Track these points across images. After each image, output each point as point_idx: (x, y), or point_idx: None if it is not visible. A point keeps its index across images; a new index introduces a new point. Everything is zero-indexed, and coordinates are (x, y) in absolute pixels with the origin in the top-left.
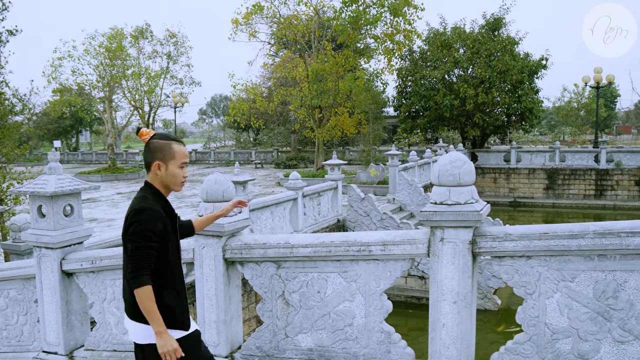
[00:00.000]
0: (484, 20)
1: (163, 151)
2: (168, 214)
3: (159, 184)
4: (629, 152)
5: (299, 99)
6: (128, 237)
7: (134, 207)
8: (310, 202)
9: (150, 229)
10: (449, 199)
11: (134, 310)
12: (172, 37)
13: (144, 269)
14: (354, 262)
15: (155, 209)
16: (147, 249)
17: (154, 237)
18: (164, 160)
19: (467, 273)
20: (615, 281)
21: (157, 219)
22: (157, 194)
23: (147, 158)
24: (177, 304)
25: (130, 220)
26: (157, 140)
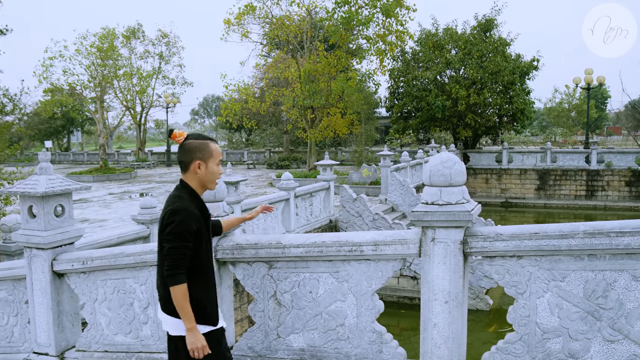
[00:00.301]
0: (475, 22)
1: (202, 150)
2: (202, 213)
3: (197, 183)
4: (619, 153)
5: (291, 99)
6: (164, 237)
7: (169, 208)
8: (302, 203)
9: (186, 229)
10: (440, 199)
11: (167, 305)
12: (164, 37)
13: (180, 268)
14: (345, 262)
15: (190, 210)
16: (182, 248)
17: (189, 237)
18: (203, 159)
19: (458, 273)
20: (605, 281)
21: (192, 219)
22: (192, 193)
23: (184, 158)
24: (209, 300)
25: (167, 221)
26: (193, 141)
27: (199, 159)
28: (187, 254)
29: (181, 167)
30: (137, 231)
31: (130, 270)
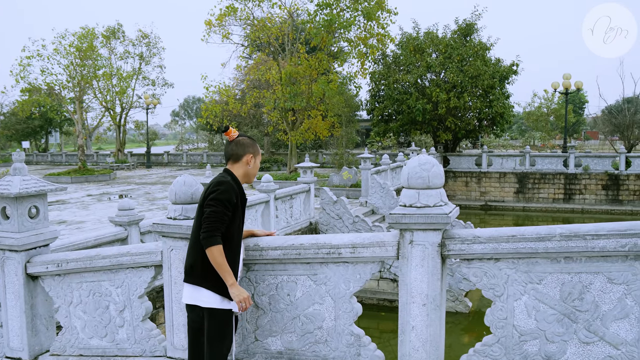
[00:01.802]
0: (456, 26)
1: (254, 147)
2: (241, 195)
3: (243, 173)
4: (596, 157)
5: (272, 101)
6: (207, 202)
7: (214, 181)
8: (282, 205)
9: (227, 198)
10: (418, 202)
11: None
12: (144, 37)
13: (217, 230)
14: (323, 265)
15: (232, 184)
16: (222, 214)
17: (229, 206)
18: (254, 155)
19: (436, 275)
20: (581, 283)
21: (233, 192)
22: (235, 178)
23: (238, 151)
24: (235, 276)
25: (212, 189)
26: (245, 138)
27: (251, 153)
28: (225, 220)
29: (232, 158)
30: (114, 233)
31: (107, 272)
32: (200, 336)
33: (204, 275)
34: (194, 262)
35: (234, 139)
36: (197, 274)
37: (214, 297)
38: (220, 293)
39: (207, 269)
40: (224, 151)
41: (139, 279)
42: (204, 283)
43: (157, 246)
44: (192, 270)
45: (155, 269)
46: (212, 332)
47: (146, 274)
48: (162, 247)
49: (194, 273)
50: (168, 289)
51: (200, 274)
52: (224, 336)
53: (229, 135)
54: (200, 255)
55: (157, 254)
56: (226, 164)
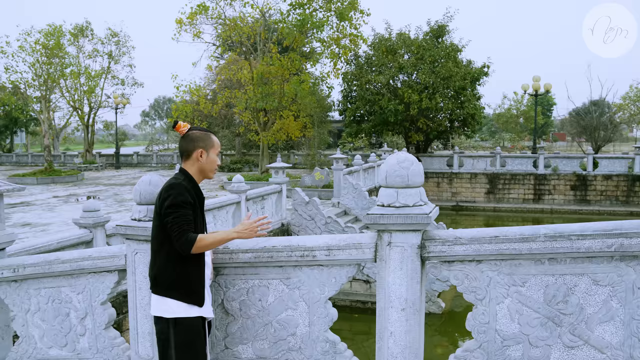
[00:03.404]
0: (428, 27)
1: (204, 140)
2: (198, 195)
3: (197, 170)
4: (565, 158)
5: (244, 101)
6: (165, 211)
7: (166, 184)
8: (253, 206)
9: (183, 200)
10: (397, 201)
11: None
12: (113, 36)
13: (187, 231)
14: (297, 268)
15: (185, 185)
16: (184, 215)
17: (189, 207)
18: (205, 149)
19: (415, 279)
20: (566, 285)
21: (188, 193)
22: (189, 178)
23: (187, 147)
24: (200, 282)
25: (164, 195)
26: (196, 131)
27: (201, 147)
28: (190, 219)
29: (183, 156)
30: (79, 236)
31: (67, 278)
32: (169, 349)
33: (169, 284)
34: (157, 272)
35: (184, 133)
36: (162, 283)
37: (179, 305)
38: (187, 300)
39: (170, 277)
40: (178, 148)
41: (101, 285)
42: (169, 292)
43: (121, 249)
44: (156, 280)
45: (119, 273)
46: (180, 344)
47: (109, 279)
48: (126, 251)
49: (159, 283)
50: (132, 294)
51: (164, 284)
52: (194, 347)
53: (179, 131)
54: (163, 263)
55: (120, 257)
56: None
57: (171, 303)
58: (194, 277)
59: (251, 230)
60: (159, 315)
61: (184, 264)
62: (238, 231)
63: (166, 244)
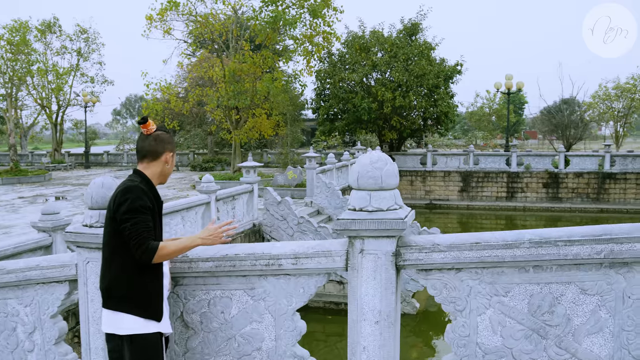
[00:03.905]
0: (401, 25)
1: (172, 143)
2: (156, 199)
3: (158, 173)
4: (537, 156)
5: (216, 99)
6: (123, 217)
7: (119, 189)
8: (224, 206)
9: (142, 204)
10: (370, 205)
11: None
12: (82, 32)
13: (147, 239)
14: (262, 278)
15: (142, 188)
16: (145, 221)
17: (148, 212)
18: (173, 151)
19: (390, 289)
20: (552, 294)
21: (146, 196)
22: (146, 180)
23: (156, 148)
24: (158, 293)
25: (120, 199)
26: (164, 133)
27: (170, 150)
28: (150, 226)
29: (148, 156)
30: (36, 240)
31: (13, 289)
32: None
33: (123, 297)
34: (110, 284)
35: (152, 132)
36: (115, 296)
37: (135, 321)
38: (144, 315)
39: (125, 289)
40: (137, 147)
41: (51, 296)
42: (123, 306)
43: (72, 258)
44: (108, 293)
45: (70, 284)
46: None
47: (59, 290)
48: (77, 260)
49: (111, 296)
50: (84, 307)
51: (117, 297)
52: None
53: (147, 129)
54: (116, 274)
55: (71, 267)
56: (138, 162)
57: (126, 318)
58: (151, 289)
59: (216, 236)
60: (112, 332)
61: (141, 274)
62: (202, 237)
63: (120, 252)
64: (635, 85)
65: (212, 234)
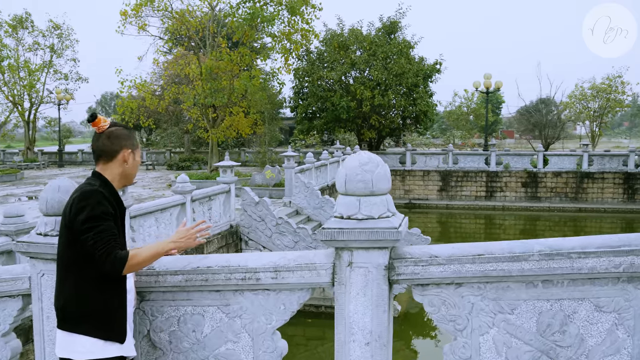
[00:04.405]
0: (380, 24)
1: (131, 139)
2: (118, 204)
3: (119, 175)
4: (516, 155)
5: (192, 97)
6: (83, 227)
7: (77, 194)
8: (200, 207)
9: (103, 211)
10: (359, 212)
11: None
12: (56, 28)
13: (113, 249)
14: (237, 293)
15: (102, 192)
16: (109, 229)
17: (111, 219)
18: (132, 149)
19: (382, 306)
20: (563, 312)
21: (107, 202)
22: (106, 183)
23: (112, 146)
24: (120, 309)
25: (78, 206)
26: (120, 129)
27: (128, 147)
28: (115, 232)
29: (104, 156)
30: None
31: None
32: None
33: (80, 316)
34: (65, 302)
35: (105, 130)
36: (71, 316)
37: (93, 343)
38: (104, 337)
39: (83, 307)
40: (92, 148)
41: (2, 312)
42: (81, 327)
43: (25, 270)
44: (64, 312)
45: (24, 298)
46: None
47: (11, 305)
48: (31, 272)
49: (67, 316)
50: (38, 324)
51: (74, 316)
52: None
53: (98, 126)
54: (72, 290)
55: (24, 280)
56: (95, 164)
57: (84, 341)
58: (113, 306)
59: (189, 237)
60: (67, 357)
61: (101, 289)
62: (174, 241)
63: (76, 266)
64: (610, 85)
65: (184, 236)
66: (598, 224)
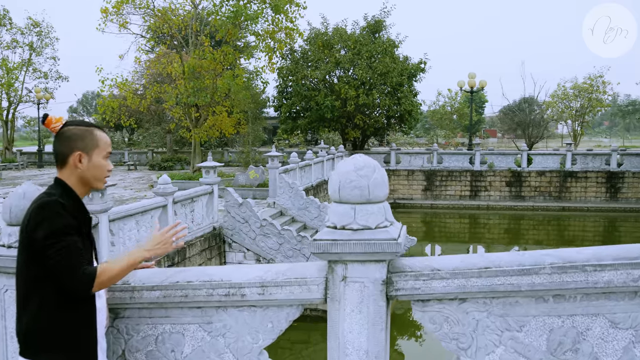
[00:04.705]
0: (365, 22)
1: (84, 139)
2: (82, 214)
3: (77, 181)
4: (500, 155)
5: (174, 96)
6: (43, 244)
7: (33, 206)
8: (182, 209)
9: (63, 224)
10: (355, 222)
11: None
12: (35, 26)
13: (82, 263)
14: (221, 310)
15: (61, 202)
16: (73, 244)
17: (73, 232)
18: (85, 150)
19: (379, 325)
20: (575, 329)
21: (67, 213)
22: (68, 191)
23: (61, 149)
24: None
25: (35, 220)
26: (73, 127)
27: (79, 149)
28: (80, 247)
29: (57, 161)
30: None
31: None
32: None
33: (45, 342)
34: (27, 327)
35: (58, 131)
36: (34, 342)
37: None
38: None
39: (47, 332)
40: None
41: None
42: (46, 354)
43: None
44: (26, 338)
45: None
46: None
47: None
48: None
49: (29, 342)
50: (2, 345)
51: (38, 342)
52: None
53: (50, 127)
54: (34, 314)
55: None
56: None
57: None
58: (81, 329)
59: (164, 242)
60: None
61: (66, 311)
62: (148, 248)
63: (37, 286)
64: (592, 85)
65: (159, 242)
66: (581, 223)
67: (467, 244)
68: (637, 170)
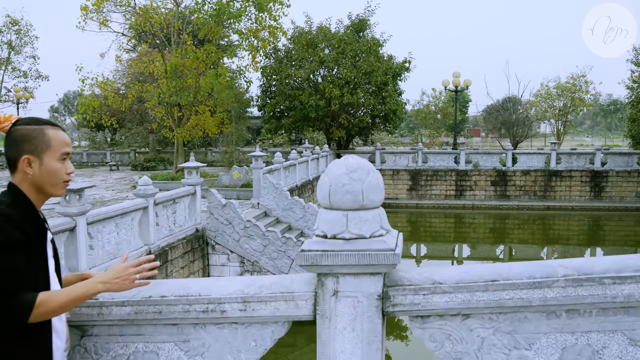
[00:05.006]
0: (349, 21)
1: (33, 140)
2: (34, 225)
3: (29, 187)
4: (485, 154)
5: (156, 95)
6: None
7: None
8: (164, 211)
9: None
10: (347, 231)
11: None
12: (14, 24)
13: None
14: (199, 327)
15: (7, 213)
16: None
17: (16, 250)
18: (35, 153)
19: (374, 344)
20: (591, 347)
21: (12, 226)
22: (20, 199)
23: (10, 152)
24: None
25: None
26: (22, 127)
27: (28, 152)
28: (19, 271)
29: (8, 165)
30: None
31: None
32: None
33: None
34: None
35: (7, 130)
36: None
37: None
38: None
39: None
40: None
41: None
42: None
43: None
44: None
45: None
46: None
47: None
48: None
49: None
50: None
51: None
52: None
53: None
54: None
55: None
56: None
57: None
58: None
59: (125, 279)
60: None
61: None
62: (105, 281)
63: None
64: (574, 84)
65: (120, 277)
66: (566, 222)
67: (453, 243)
68: (621, 169)
